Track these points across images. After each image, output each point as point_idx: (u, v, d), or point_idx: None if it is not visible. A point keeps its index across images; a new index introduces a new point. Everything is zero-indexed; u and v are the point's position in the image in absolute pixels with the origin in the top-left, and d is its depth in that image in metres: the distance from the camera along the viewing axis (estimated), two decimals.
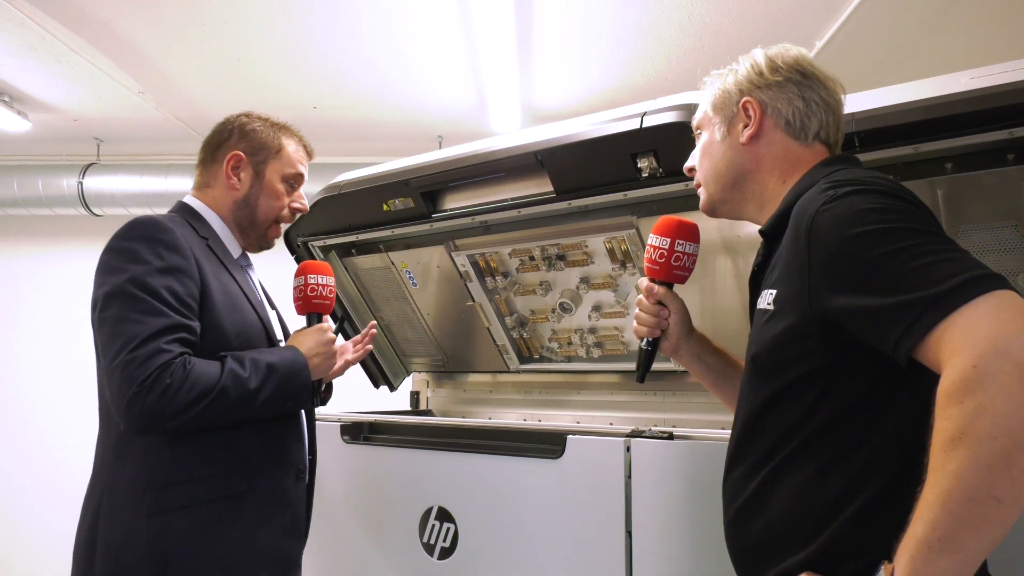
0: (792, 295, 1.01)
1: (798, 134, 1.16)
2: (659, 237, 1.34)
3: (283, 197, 1.66)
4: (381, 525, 2.02)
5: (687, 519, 1.55)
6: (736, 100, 1.20)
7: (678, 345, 1.37)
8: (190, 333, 1.40)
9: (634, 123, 1.77)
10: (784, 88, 1.16)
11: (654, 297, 1.35)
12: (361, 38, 3.29)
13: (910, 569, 0.81)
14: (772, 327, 1.04)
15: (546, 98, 3.90)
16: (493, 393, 2.77)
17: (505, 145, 2.05)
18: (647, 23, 3.12)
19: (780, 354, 1.03)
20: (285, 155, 1.66)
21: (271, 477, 1.51)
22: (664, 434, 1.60)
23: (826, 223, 0.95)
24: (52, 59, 3.47)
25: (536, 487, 1.74)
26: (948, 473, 0.78)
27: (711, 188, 1.25)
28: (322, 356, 1.58)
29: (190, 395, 1.34)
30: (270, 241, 1.71)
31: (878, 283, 0.88)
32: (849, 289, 0.92)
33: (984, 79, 1.46)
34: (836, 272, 0.93)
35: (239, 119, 1.67)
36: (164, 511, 1.39)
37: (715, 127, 1.23)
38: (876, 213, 0.92)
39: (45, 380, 4.90)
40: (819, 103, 1.16)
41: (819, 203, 0.98)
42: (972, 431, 0.76)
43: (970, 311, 0.80)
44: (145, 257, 1.40)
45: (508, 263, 2.40)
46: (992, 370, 0.76)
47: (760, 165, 1.18)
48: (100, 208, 4.54)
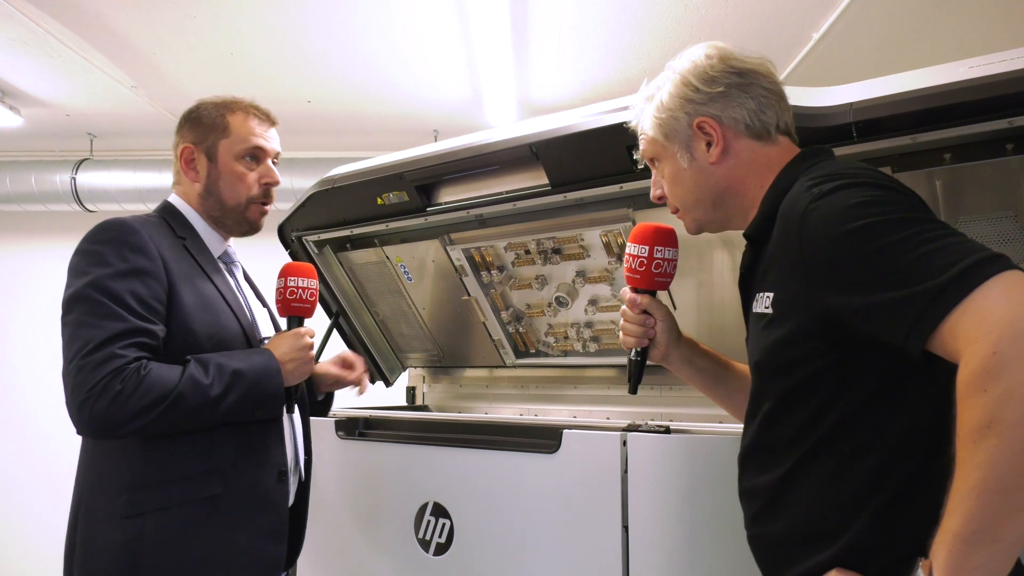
0: (790, 297, 0.99)
1: (761, 135, 1.14)
2: (636, 245, 1.31)
3: (245, 176, 1.58)
4: (376, 521, 2.01)
5: (683, 513, 1.54)
6: (687, 123, 1.15)
7: (667, 352, 1.35)
8: (149, 337, 1.37)
9: (629, 114, 1.75)
10: (730, 96, 1.13)
11: (638, 307, 1.32)
12: (356, 31, 3.26)
13: (949, 565, 0.79)
14: (772, 332, 1.03)
15: (542, 92, 3.88)
16: (490, 388, 2.76)
17: (500, 137, 2.03)
18: (643, 15, 3.10)
19: (783, 357, 1.01)
20: (233, 132, 1.57)
21: (250, 478, 1.47)
22: (660, 428, 1.59)
23: (816, 222, 0.93)
24: (44, 54, 3.44)
25: (532, 482, 1.72)
26: (979, 464, 0.76)
27: (696, 214, 1.22)
28: (297, 362, 1.53)
29: (143, 401, 1.31)
30: (253, 224, 1.63)
31: (881, 278, 0.86)
32: (851, 288, 0.90)
33: (983, 68, 1.44)
34: (834, 272, 0.92)
35: (187, 111, 1.61)
36: (138, 513, 1.37)
37: (675, 155, 1.18)
38: (866, 207, 0.90)
39: (38, 376, 4.85)
40: (766, 95, 1.14)
41: (805, 202, 0.96)
42: (1000, 419, 0.75)
43: (981, 296, 0.78)
44: (110, 260, 1.38)
45: (504, 257, 2.39)
46: (1013, 355, 0.75)
47: (735, 178, 1.15)
48: (94, 204, 4.51)
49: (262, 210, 1.63)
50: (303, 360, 1.54)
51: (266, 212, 1.64)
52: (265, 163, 1.61)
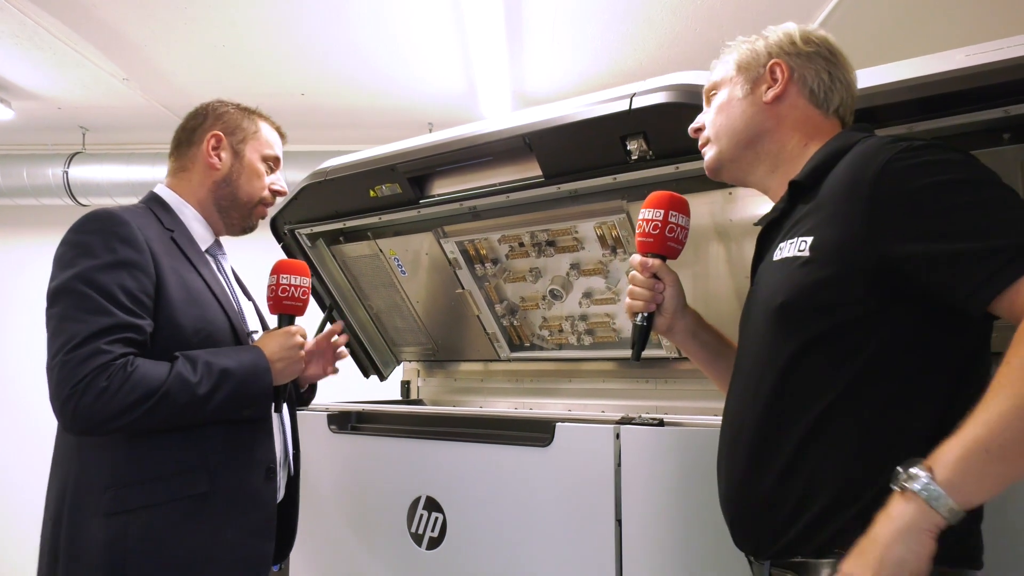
0: (838, 241, 1.00)
1: (821, 104, 1.19)
2: (651, 210, 1.32)
3: (263, 177, 1.65)
4: (369, 515, 2.00)
5: (677, 507, 1.53)
6: (764, 62, 1.20)
7: (672, 322, 1.34)
8: (136, 332, 1.35)
9: (623, 105, 1.73)
10: (813, 60, 1.19)
11: (649, 270, 1.31)
12: (350, 23, 3.24)
13: (961, 467, 0.83)
14: (808, 273, 1.02)
15: (537, 83, 3.86)
16: (484, 382, 2.74)
17: (493, 128, 2.01)
18: (638, 5, 3.07)
19: (817, 300, 1.01)
20: (262, 136, 1.66)
21: (237, 476, 1.45)
22: (654, 421, 1.58)
23: (899, 171, 0.96)
24: (35, 46, 3.41)
25: (525, 476, 1.71)
26: (1019, 393, 0.81)
27: (723, 144, 1.24)
28: (287, 361, 1.51)
29: (128, 398, 1.29)
30: (254, 222, 1.68)
31: (962, 231, 0.90)
32: (927, 235, 0.92)
33: (979, 56, 1.43)
34: (912, 219, 0.94)
35: (212, 104, 1.67)
36: (123, 511, 1.34)
37: (737, 85, 1.23)
38: (959, 166, 0.95)
39: (30, 371, 4.83)
40: (842, 82, 1.19)
41: (888, 153, 0.98)
42: None
43: None
44: (97, 251, 1.36)
45: (497, 249, 2.37)
46: None
47: (780, 125, 1.19)
48: (86, 198, 4.47)
49: (263, 212, 1.69)
50: (293, 359, 1.53)
51: (265, 215, 1.70)
52: (277, 172, 1.69)
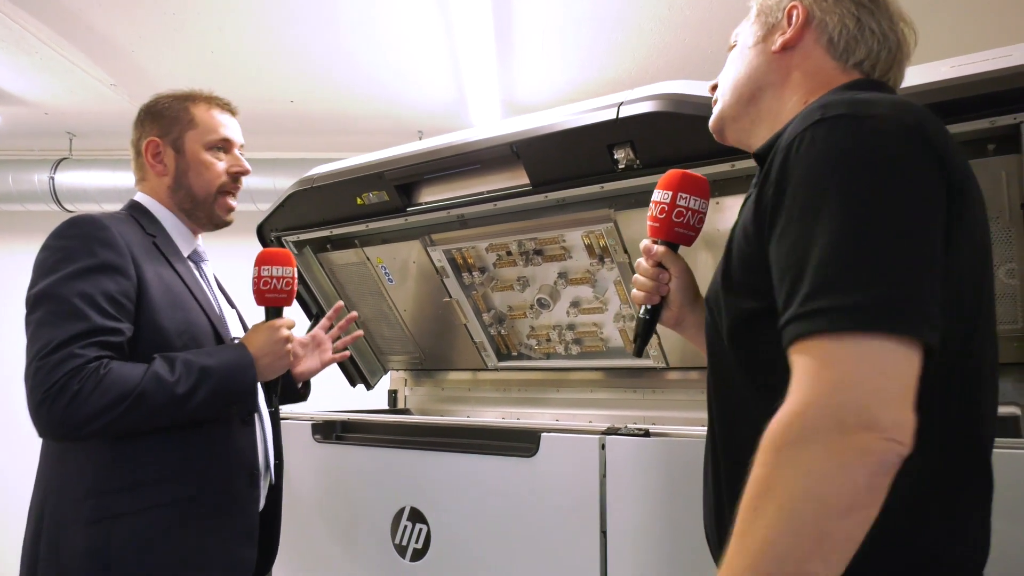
0: (747, 220, 0.88)
1: (839, 55, 0.99)
2: (661, 191, 1.18)
3: (214, 166, 1.55)
4: (352, 526, 1.97)
5: (663, 518, 1.51)
6: (784, 5, 1.03)
7: (681, 315, 1.20)
8: (113, 335, 1.33)
9: (610, 113, 1.73)
10: (841, 3, 0.99)
11: (653, 258, 1.19)
12: (339, 29, 3.23)
13: None
14: (722, 261, 0.93)
15: (526, 92, 3.86)
16: (472, 391, 2.72)
17: (480, 136, 2.00)
18: (628, 14, 3.08)
19: (725, 289, 0.92)
20: (200, 123, 1.55)
21: (220, 481, 1.43)
22: (640, 431, 1.57)
23: (796, 150, 0.80)
24: (22, 51, 3.39)
25: (510, 486, 1.69)
26: (778, 510, 0.68)
27: (726, 100, 1.08)
28: (272, 356, 1.48)
29: (101, 401, 1.27)
30: (222, 216, 1.59)
31: (796, 246, 0.76)
32: (774, 231, 0.80)
33: (964, 67, 1.43)
34: (777, 205, 0.81)
35: (146, 105, 1.58)
36: (105, 518, 1.32)
37: (751, 32, 1.06)
38: (847, 158, 0.76)
39: (19, 378, 4.79)
40: (875, 32, 0.98)
41: (808, 121, 0.81)
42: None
43: (836, 347, 0.69)
44: (77, 256, 1.34)
45: (485, 258, 2.36)
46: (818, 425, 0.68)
47: (787, 79, 1.01)
48: (73, 204, 4.44)
49: (227, 202, 1.59)
50: (279, 354, 1.50)
51: (235, 198, 1.61)
52: (232, 152, 1.60)
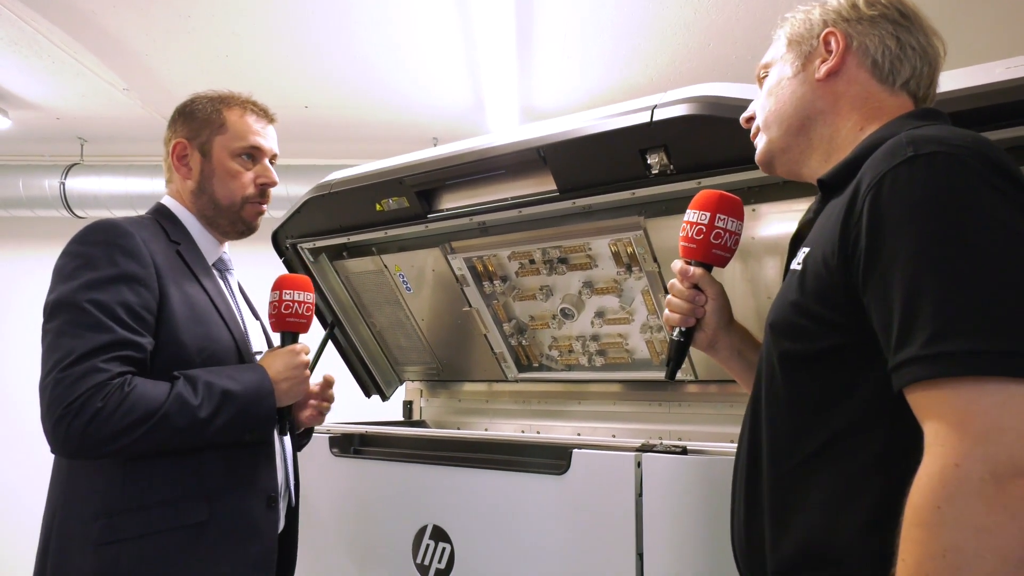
0: (828, 253, 0.86)
1: (885, 78, 0.99)
2: (697, 212, 1.18)
3: (241, 175, 1.50)
4: (372, 544, 1.91)
5: (702, 540, 1.45)
6: (818, 32, 1.02)
7: (715, 337, 1.20)
8: (136, 350, 1.27)
9: (644, 116, 1.67)
10: (877, 24, 0.99)
11: (690, 280, 1.18)
12: (355, 34, 3.19)
13: None
14: (794, 289, 0.91)
15: (545, 98, 3.81)
16: (490, 403, 2.66)
17: (505, 141, 1.95)
18: (651, 20, 3.03)
19: (800, 320, 0.89)
20: (230, 128, 1.50)
21: (236, 504, 1.36)
22: (677, 448, 1.50)
23: (891, 188, 0.80)
24: (34, 54, 3.37)
25: (539, 505, 1.63)
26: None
27: (772, 132, 1.07)
28: (292, 381, 1.43)
29: (124, 421, 1.20)
30: (248, 224, 1.54)
31: (904, 291, 0.76)
32: (876, 277, 0.79)
33: (1018, 69, 1.37)
34: (875, 247, 0.80)
35: (181, 105, 1.54)
36: (115, 540, 1.26)
37: (788, 62, 1.06)
38: (948, 198, 0.76)
39: (28, 388, 4.75)
40: (915, 49, 0.99)
41: (893, 161, 0.81)
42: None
43: (974, 393, 0.71)
44: (99, 264, 1.29)
45: (507, 266, 2.30)
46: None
47: (836, 106, 1.01)
48: (83, 210, 4.41)
49: (258, 210, 1.54)
50: (298, 380, 1.45)
51: (262, 212, 1.56)
52: (262, 163, 1.54)
